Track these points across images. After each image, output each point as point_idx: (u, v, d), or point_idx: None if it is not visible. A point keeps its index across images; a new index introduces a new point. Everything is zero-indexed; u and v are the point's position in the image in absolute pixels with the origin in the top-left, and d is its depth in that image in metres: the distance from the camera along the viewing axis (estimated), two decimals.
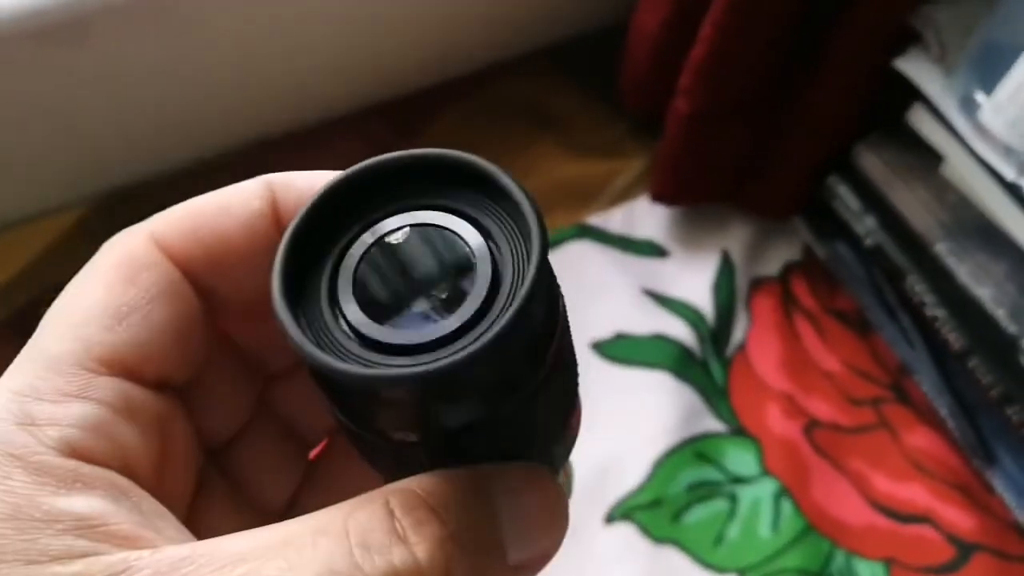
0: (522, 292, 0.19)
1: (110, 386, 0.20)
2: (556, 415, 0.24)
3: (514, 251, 0.21)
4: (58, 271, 0.73)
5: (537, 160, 0.80)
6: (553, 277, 0.22)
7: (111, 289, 0.21)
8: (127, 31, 0.65)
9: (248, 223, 0.23)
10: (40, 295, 0.70)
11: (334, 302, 0.20)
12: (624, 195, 0.80)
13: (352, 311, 0.20)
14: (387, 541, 0.19)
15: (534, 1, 0.84)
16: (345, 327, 0.20)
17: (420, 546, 0.19)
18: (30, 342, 0.21)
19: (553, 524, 0.22)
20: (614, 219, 0.78)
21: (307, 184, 0.23)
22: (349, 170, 0.22)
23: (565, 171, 0.80)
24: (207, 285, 0.23)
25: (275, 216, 0.23)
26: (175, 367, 0.22)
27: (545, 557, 0.22)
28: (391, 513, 0.19)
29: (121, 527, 0.19)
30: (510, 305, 0.19)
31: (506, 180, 0.21)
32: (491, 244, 0.21)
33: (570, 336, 0.23)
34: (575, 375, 0.24)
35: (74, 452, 0.19)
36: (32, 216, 0.73)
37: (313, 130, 0.80)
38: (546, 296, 0.21)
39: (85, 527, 0.18)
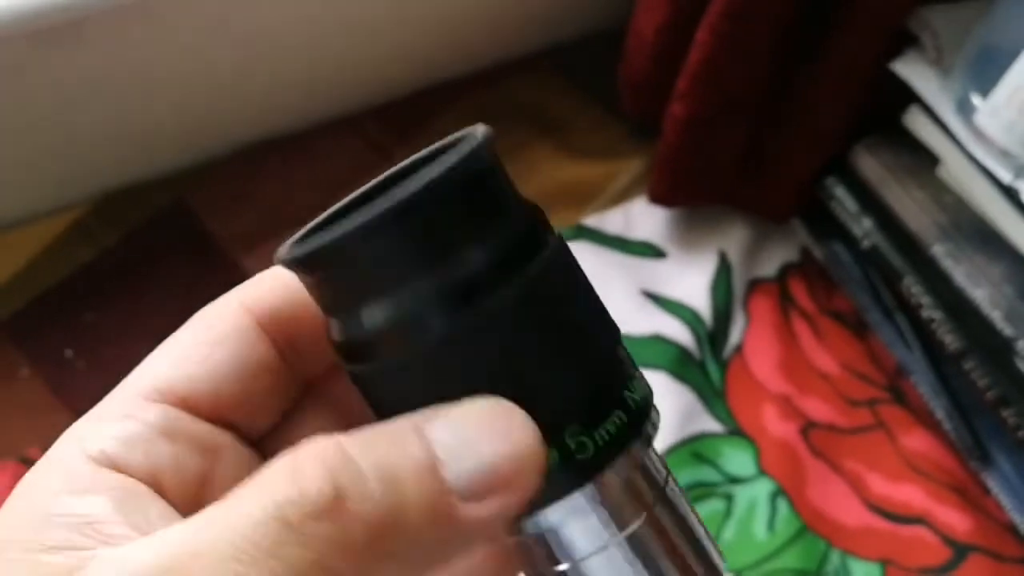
0: (451, 160, 0.19)
1: (158, 411, 0.22)
2: (550, 350, 0.21)
3: None
4: (56, 272, 0.74)
5: (536, 162, 0.80)
6: (543, 222, 0.22)
7: (188, 334, 0.24)
8: (123, 33, 0.65)
9: None
10: (38, 297, 0.71)
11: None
12: (622, 197, 0.80)
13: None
14: (280, 485, 0.18)
15: (533, 4, 0.84)
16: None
17: (309, 477, 0.18)
18: None
19: (497, 434, 0.20)
20: (612, 220, 0.78)
21: None
22: (374, 181, 0.23)
23: (563, 173, 0.80)
24: (287, 344, 0.24)
25: None
26: (236, 410, 0.24)
27: (499, 478, 0.20)
28: (295, 458, 0.19)
29: (115, 528, 0.19)
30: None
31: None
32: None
33: (584, 286, 0.22)
34: (588, 306, 0.22)
35: (107, 461, 0.21)
36: (29, 218, 0.73)
37: (312, 132, 0.80)
38: (496, 189, 0.21)
39: (84, 524, 0.19)
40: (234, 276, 0.75)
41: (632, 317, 0.74)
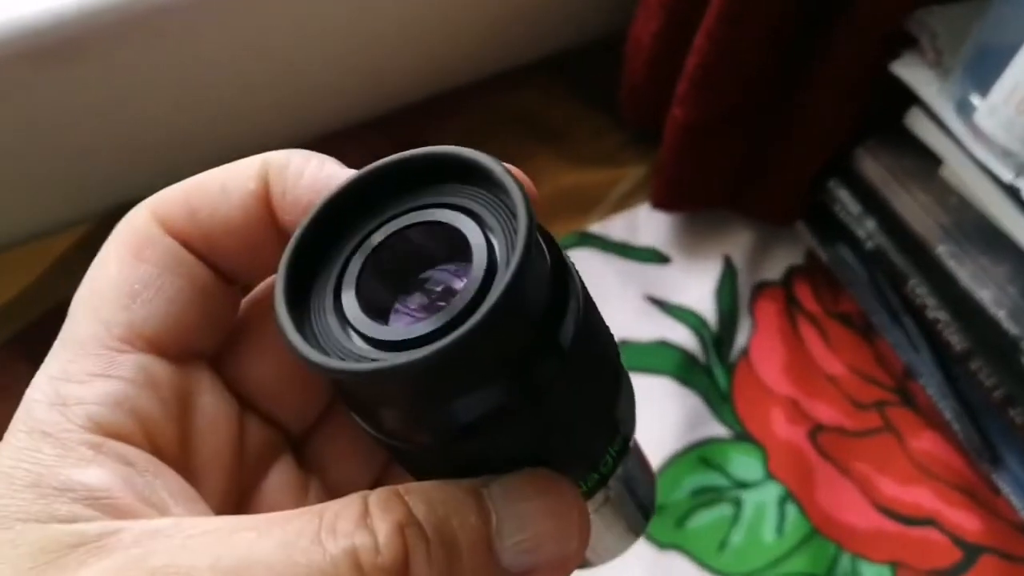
0: (507, 275, 0.19)
1: (132, 362, 0.22)
2: (585, 411, 0.23)
3: (507, 238, 0.21)
4: (65, 288, 0.74)
5: (538, 170, 0.80)
6: (561, 259, 0.22)
7: (121, 268, 0.22)
8: (125, 48, 0.65)
9: (244, 205, 0.23)
10: (46, 313, 0.71)
11: (338, 306, 0.21)
12: (625, 203, 0.80)
13: (353, 312, 0.20)
14: (352, 527, 0.19)
15: (533, 13, 0.84)
16: (349, 329, 0.20)
17: (382, 529, 0.19)
18: (62, 329, 0.23)
19: (560, 532, 0.21)
20: (615, 227, 0.79)
21: (302, 165, 0.24)
22: (350, 177, 0.22)
23: (566, 180, 0.81)
24: (210, 262, 0.23)
25: (268, 197, 0.23)
26: (196, 337, 0.23)
27: (558, 567, 0.22)
28: (366, 505, 0.20)
29: (123, 500, 0.20)
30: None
31: (492, 165, 0.21)
32: (488, 235, 0.21)
33: (597, 322, 0.23)
34: (607, 367, 0.24)
35: (99, 428, 0.21)
36: (38, 234, 0.74)
37: (311, 144, 0.80)
38: (543, 276, 0.21)
39: (92, 498, 0.20)
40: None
41: (637, 323, 0.74)
